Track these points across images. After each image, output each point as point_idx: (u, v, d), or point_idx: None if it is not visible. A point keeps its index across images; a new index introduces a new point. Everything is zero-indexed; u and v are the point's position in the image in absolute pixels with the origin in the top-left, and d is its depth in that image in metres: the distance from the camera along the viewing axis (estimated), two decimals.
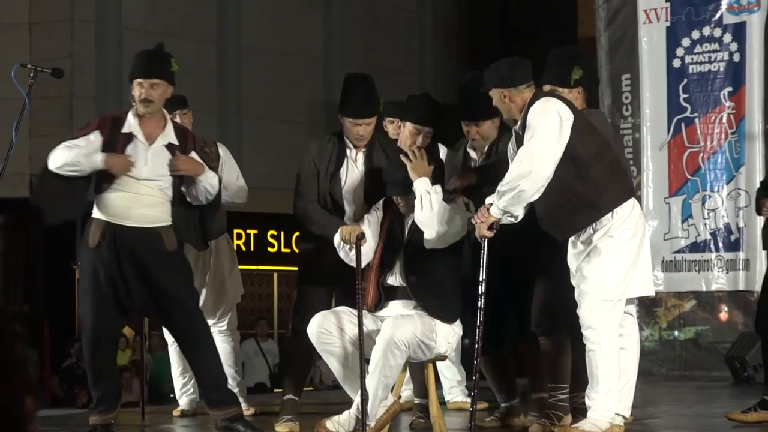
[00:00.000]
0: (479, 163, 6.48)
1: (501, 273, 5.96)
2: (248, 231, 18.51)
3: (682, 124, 10.63)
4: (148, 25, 16.35)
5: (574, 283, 5.76)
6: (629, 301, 5.84)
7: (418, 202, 5.90)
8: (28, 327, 15.69)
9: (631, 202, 5.77)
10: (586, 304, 5.67)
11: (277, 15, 18.12)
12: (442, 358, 6.15)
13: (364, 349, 5.81)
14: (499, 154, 6.25)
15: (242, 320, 8.80)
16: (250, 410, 7.54)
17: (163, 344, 12.71)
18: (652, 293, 6.09)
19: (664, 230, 10.63)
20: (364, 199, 6.35)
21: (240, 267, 7.84)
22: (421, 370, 6.33)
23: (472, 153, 6.54)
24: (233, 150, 7.94)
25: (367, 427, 5.80)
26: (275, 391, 13.40)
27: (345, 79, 6.46)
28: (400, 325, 5.79)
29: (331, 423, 5.90)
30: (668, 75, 10.68)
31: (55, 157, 6.08)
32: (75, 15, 16.38)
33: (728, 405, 6.75)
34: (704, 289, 10.56)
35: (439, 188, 5.95)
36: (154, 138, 6.15)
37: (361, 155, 6.40)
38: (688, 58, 10.63)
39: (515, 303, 6.31)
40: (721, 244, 10.47)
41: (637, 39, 10.81)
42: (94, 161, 6.05)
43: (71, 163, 6.06)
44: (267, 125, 17.87)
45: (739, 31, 10.44)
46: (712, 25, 10.55)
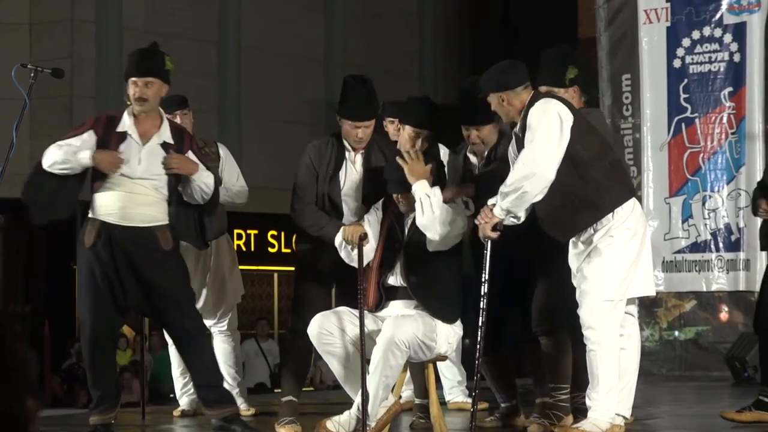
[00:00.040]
0: (479, 168, 6.45)
1: (502, 274, 5.95)
2: (249, 231, 18.51)
3: (683, 125, 10.63)
4: (149, 26, 16.34)
5: (575, 283, 5.76)
6: (630, 302, 5.83)
7: (418, 206, 5.88)
8: (29, 327, 15.68)
9: (632, 202, 5.76)
10: (587, 304, 5.66)
11: (278, 16, 18.11)
12: (443, 359, 6.14)
13: (365, 350, 5.81)
14: (499, 159, 6.24)
15: (242, 320, 8.79)
16: (251, 410, 7.54)
17: (163, 344, 12.71)
18: (653, 293, 6.09)
19: (665, 230, 10.63)
20: (362, 201, 6.34)
21: (240, 267, 7.84)
22: (421, 371, 6.32)
23: (472, 158, 6.50)
24: (233, 150, 7.94)
25: (368, 428, 5.80)
26: (275, 391, 13.37)
27: (344, 82, 6.42)
28: (401, 325, 5.78)
29: (331, 423, 5.89)
30: (668, 75, 10.68)
31: (47, 155, 6.10)
32: (75, 15, 16.37)
33: (728, 405, 6.74)
34: (704, 290, 10.56)
35: (438, 191, 5.93)
36: (149, 137, 6.14)
37: (360, 157, 6.38)
38: (688, 59, 10.62)
39: (516, 304, 6.32)
40: (721, 245, 10.47)
41: (638, 39, 10.80)
42: (83, 158, 6.05)
43: (61, 161, 6.07)
44: (267, 125, 17.86)
45: (740, 32, 10.44)
46: (713, 26, 10.55)
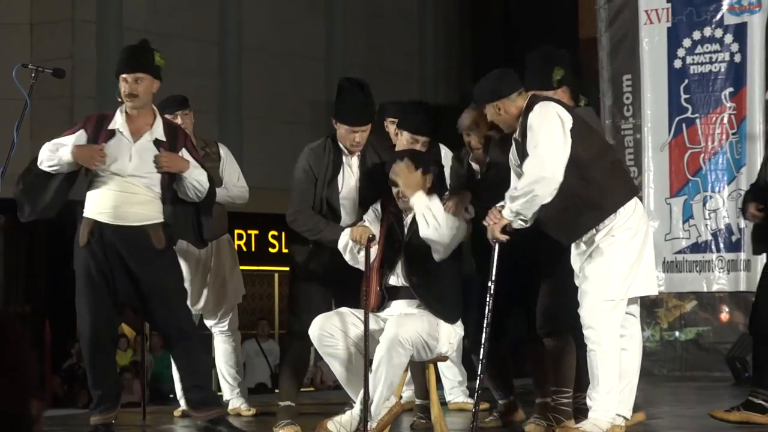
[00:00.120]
0: (481, 175, 6.42)
1: (506, 275, 5.94)
2: (249, 231, 18.50)
3: (683, 125, 10.62)
4: (149, 26, 16.33)
5: (577, 283, 5.76)
6: (633, 302, 5.82)
7: (420, 219, 5.87)
8: (30, 327, 15.67)
9: (634, 202, 5.76)
10: (588, 304, 5.66)
11: (278, 16, 18.11)
12: (443, 359, 6.14)
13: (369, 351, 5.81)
14: (497, 166, 6.18)
15: (243, 321, 8.78)
16: (251, 411, 7.54)
17: (164, 344, 12.70)
18: (656, 292, 6.08)
19: (665, 231, 10.62)
20: (359, 204, 6.30)
21: (241, 267, 7.83)
22: (422, 371, 6.32)
23: (474, 166, 6.49)
24: (234, 150, 7.94)
25: (369, 428, 5.79)
26: (276, 391, 13.37)
27: (339, 85, 6.34)
28: (404, 324, 5.77)
29: (332, 423, 5.87)
30: (669, 76, 10.67)
31: (39, 155, 6.13)
32: (76, 15, 16.37)
33: (729, 405, 6.72)
34: (705, 290, 10.55)
35: (437, 201, 5.90)
36: (141, 134, 6.12)
37: (356, 160, 6.34)
38: (689, 59, 10.62)
39: (519, 305, 6.31)
40: (722, 245, 10.46)
41: (638, 40, 10.79)
42: (64, 154, 6.06)
43: (47, 159, 6.10)
44: (268, 126, 17.86)
45: (740, 32, 10.43)
46: (713, 26, 10.55)
